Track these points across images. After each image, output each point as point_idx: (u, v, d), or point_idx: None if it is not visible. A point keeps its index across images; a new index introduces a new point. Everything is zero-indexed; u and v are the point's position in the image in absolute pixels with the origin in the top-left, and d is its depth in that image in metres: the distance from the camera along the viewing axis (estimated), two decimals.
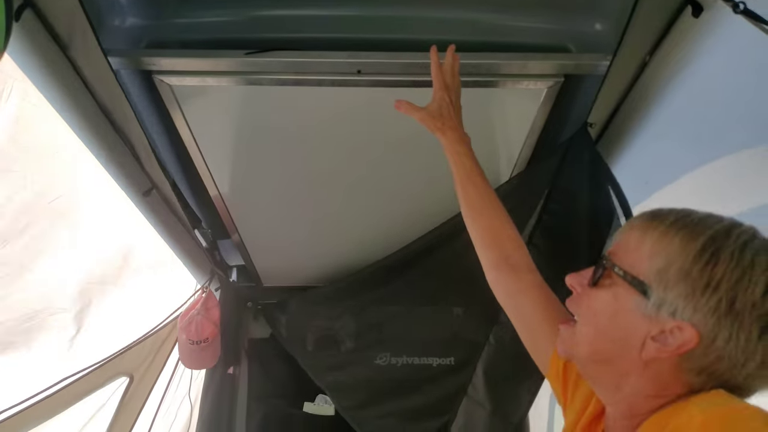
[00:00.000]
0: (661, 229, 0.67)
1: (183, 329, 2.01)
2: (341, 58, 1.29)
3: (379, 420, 2.16)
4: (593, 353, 0.74)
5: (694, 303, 0.62)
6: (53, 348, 1.60)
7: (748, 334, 0.59)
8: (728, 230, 0.63)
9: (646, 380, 0.68)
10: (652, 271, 0.66)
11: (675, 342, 0.63)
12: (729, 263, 0.60)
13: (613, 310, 0.70)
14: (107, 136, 1.36)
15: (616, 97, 1.37)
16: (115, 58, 1.24)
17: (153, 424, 2.05)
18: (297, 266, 2.25)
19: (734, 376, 0.62)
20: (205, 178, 1.71)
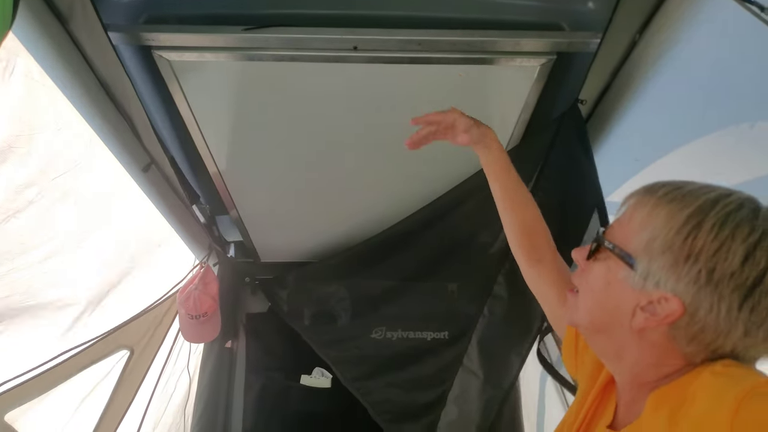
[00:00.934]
0: (651, 203, 0.69)
1: (182, 304, 2.05)
2: (337, 35, 1.31)
3: (384, 390, 2.23)
4: (591, 322, 0.78)
5: (677, 274, 0.64)
6: (56, 324, 1.63)
7: (728, 304, 0.61)
8: (715, 201, 0.64)
9: (643, 349, 0.71)
10: (640, 244, 0.68)
11: (662, 312, 0.66)
12: (709, 234, 0.62)
13: (605, 281, 0.74)
14: (107, 111, 1.39)
15: (607, 75, 1.39)
16: (114, 33, 1.26)
17: (153, 396, 2.09)
18: (295, 242, 2.28)
19: (722, 345, 0.64)
20: (203, 155, 1.73)
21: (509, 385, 1.98)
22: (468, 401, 2.10)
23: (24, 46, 1.14)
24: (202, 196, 2.00)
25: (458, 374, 2.15)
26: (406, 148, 1.27)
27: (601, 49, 1.28)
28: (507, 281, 1.99)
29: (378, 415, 2.21)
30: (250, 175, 1.87)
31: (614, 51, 1.32)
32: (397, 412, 2.21)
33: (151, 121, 1.52)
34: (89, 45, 1.24)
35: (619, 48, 1.31)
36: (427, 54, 1.36)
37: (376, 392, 2.22)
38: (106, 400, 1.95)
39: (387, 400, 2.22)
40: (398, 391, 2.21)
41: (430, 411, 2.20)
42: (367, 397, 2.22)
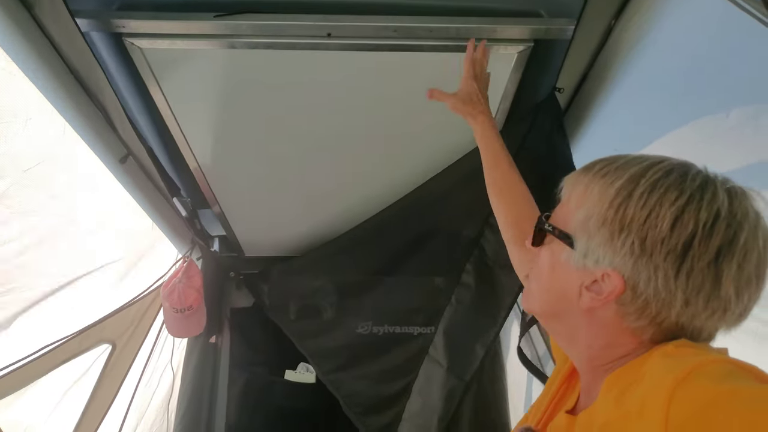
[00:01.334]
0: (585, 181, 0.69)
1: (166, 298, 2.03)
2: (311, 21, 1.29)
3: (353, 383, 2.21)
4: (542, 308, 0.78)
5: (613, 248, 0.64)
6: (33, 316, 1.62)
7: (665, 272, 0.60)
8: (645, 170, 0.63)
9: (595, 331, 0.71)
10: (578, 223, 0.68)
11: (606, 289, 0.65)
12: (638, 203, 0.62)
13: (550, 264, 0.74)
14: (79, 100, 1.36)
15: (585, 63, 1.38)
16: (83, 19, 1.24)
17: (136, 391, 2.07)
18: (279, 236, 2.27)
19: (667, 317, 0.63)
20: (182, 147, 1.71)
21: (472, 375, 1.97)
22: (431, 391, 2.08)
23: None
24: (183, 189, 1.98)
25: (423, 364, 2.13)
26: (386, 138, 1.28)
27: (577, 35, 1.27)
28: (475, 270, 1.97)
29: (349, 408, 2.20)
30: (230, 168, 1.85)
31: (590, 38, 1.30)
32: (366, 404, 2.20)
33: (127, 111, 1.50)
34: (56, 32, 1.22)
35: (595, 34, 1.29)
36: (403, 41, 1.34)
37: (347, 385, 2.21)
38: (88, 395, 1.93)
39: (357, 393, 2.21)
40: (367, 382, 2.21)
41: (396, 402, 2.18)
42: (339, 390, 2.20)
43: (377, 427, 2.18)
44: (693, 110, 1.19)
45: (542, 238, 0.77)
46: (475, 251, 1.88)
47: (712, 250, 0.59)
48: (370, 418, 2.21)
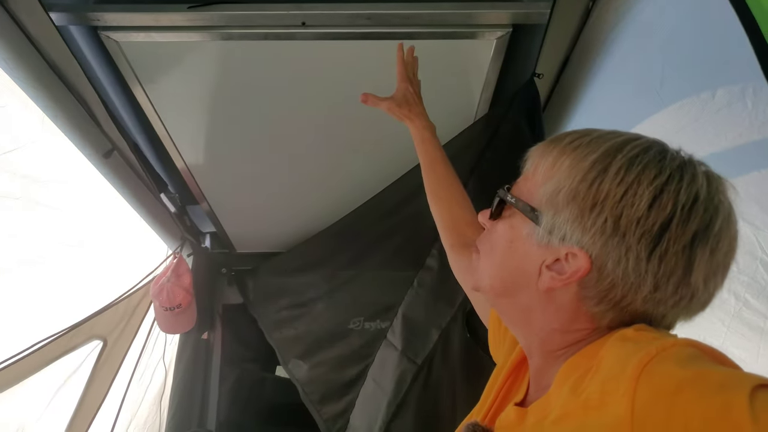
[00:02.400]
0: (555, 153, 0.64)
1: (155, 296, 2.04)
2: (284, 10, 1.29)
3: (311, 371, 2.20)
4: (493, 285, 0.73)
5: (583, 225, 0.59)
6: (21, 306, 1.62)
7: (636, 254, 0.57)
8: (622, 145, 0.60)
9: (551, 313, 0.66)
10: (544, 197, 0.64)
11: (569, 269, 0.61)
12: (614, 179, 0.58)
13: (508, 239, 0.69)
14: (58, 95, 1.36)
15: (564, 47, 1.36)
16: (56, 13, 1.25)
17: (128, 387, 2.07)
18: (269, 232, 2.27)
19: (632, 301, 0.60)
20: (165, 142, 1.72)
21: (424, 358, 1.95)
22: (384, 374, 2.05)
23: None
24: (170, 185, 1.98)
25: (380, 348, 2.11)
26: (368, 128, 1.28)
27: (553, 18, 1.25)
28: (439, 253, 1.96)
29: (305, 395, 2.19)
30: (215, 164, 1.85)
31: (568, 21, 1.29)
32: (323, 391, 2.18)
33: (111, 106, 1.50)
34: (31, 26, 1.22)
35: (573, 17, 1.28)
36: (378, 29, 1.34)
37: (306, 373, 2.20)
38: (80, 392, 1.94)
39: (313, 380, 2.19)
40: (325, 369, 2.18)
41: (352, 388, 2.16)
42: (299, 379, 2.19)
43: (332, 414, 2.15)
44: (677, 92, 1.17)
45: (501, 211, 0.72)
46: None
47: (688, 233, 0.56)
48: (326, 406, 2.19)
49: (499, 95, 1.57)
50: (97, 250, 1.84)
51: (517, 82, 1.52)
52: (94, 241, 1.81)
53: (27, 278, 1.56)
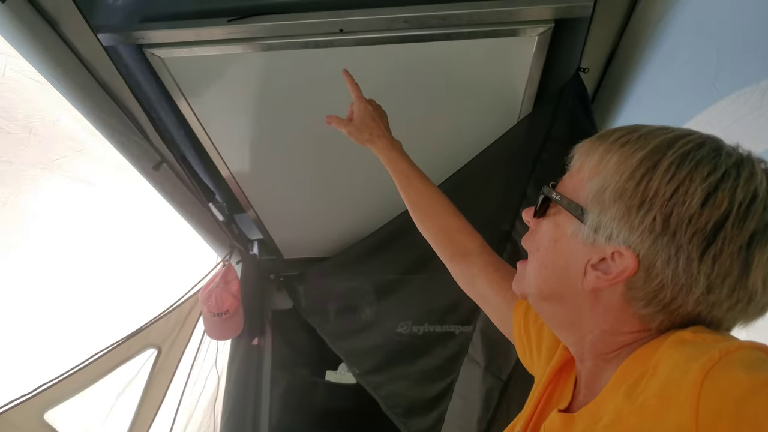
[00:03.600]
0: (602, 149, 0.63)
1: (204, 302, 2.08)
2: (322, 18, 1.29)
3: (391, 384, 2.19)
4: (540, 288, 0.71)
5: (630, 224, 0.57)
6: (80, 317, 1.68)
7: (687, 254, 0.54)
8: (672, 141, 0.57)
9: (598, 314, 0.64)
10: (590, 194, 0.62)
11: (615, 269, 0.59)
12: (664, 176, 0.56)
13: (553, 237, 0.68)
14: (108, 111, 1.41)
15: (611, 39, 1.31)
16: (104, 34, 1.28)
17: (183, 393, 2.13)
18: (315, 237, 2.28)
19: (682, 304, 0.57)
20: (211, 153, 1.75)
21: (509, 374, 1.90)
22: (471, 391, 2.02)
23: (15, 48, 1.17)
24: (218, 194, 2.02)
25: (464, 364, 2.08)
26: (411, 129, 1.27)
27: (597, 11, 1.21)
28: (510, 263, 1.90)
29: (389, 409, 2.17)
30: (260, 173, 1.88)
31: (613, 12, 1.24)
32: (407, 405, 2.16)
33: (156, 119, 1.54)
34: (81, 46, 1.27)
35: (618, 8, 1.23)
36: (415, 32, 1.32)
37: (386, 386, 2.19)
38: (138, 398, 2.00)
39: (396, 394, 2.17)
40: (407, 384, 2.16)
41: (439, 403, 2.13)
42: (378, 391, 2.18)
43: (420, 429, 2.14)
44: (734, 81, 1.11)
45: (546, 209, 0.70)
46: (508, 245, 1.83)
47: (745, 233, 0.53)
48: (412, 419, 2.18)
49: (543, 92, 1.53)
50: (149, 260, 1.90)
51: (562, 77, 1.48)
52: (146, 251, 1.87)
53: (82, 291, 1.62)
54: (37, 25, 1.18)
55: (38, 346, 1.56)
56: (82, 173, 1.45)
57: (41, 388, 1.58)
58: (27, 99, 1.23)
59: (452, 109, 1.57)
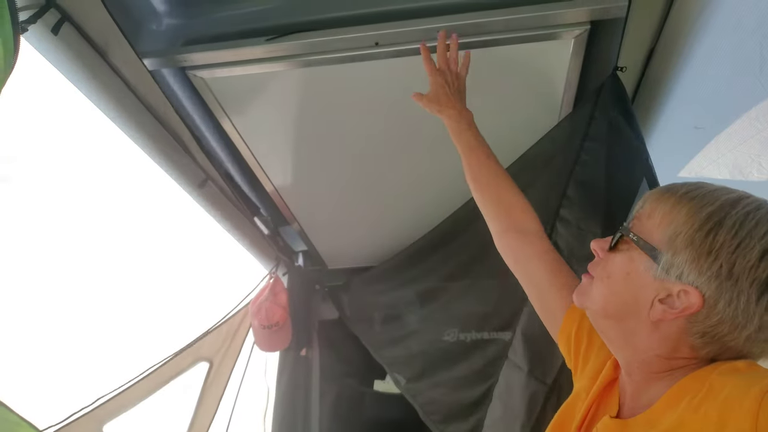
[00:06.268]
0: (672, 200, 0.73)
1: (254, 314, 2.12)
2: (357, 33, 1.31)
3: (430, 391, 2.18)
4: (605, 309, 0.80)
5: (698, 268, 0.67)
6: (134, 336, 1.74)
7: (747, 297, 0.65)
8: (735, 202, 0.68)
9: (655, 341, 0.74)
10: (663, 238, 0.72)
11: (681, 305, 0.69)
12: (729, 232, 0.66)
13: (626, 271, 0.77)
14: (154, 133, 1.46)
15: (648, 38, 1.29)
16: (149, 59, 1.34)
17: (235, 405, 2.17)
18: (359, 247, 2.30)
19: (735, 338, 0.68)
20: (254, 169, 1.79)
21: (553, 378, 1.86)
22: (512, 396, 1.98)
23: (68, 79, 1.23)
24: (262, 209, 2.06)
25: (503, 368, 2.04)
26: (450, 139, 1.28)
27: (633, 10, 1.19)
28: None
29: (426, 416, 2.16)
30: (303, 186, 1.91)
31: (650, 11, 1.22)
32: (445, 412, 2.14)
33: (200, 139, 1.59)
34: (128, 72, 1.32)
35: (655, 7, 1.21)
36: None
37: (424, 393, 2.17)
38: (192, 411, 2.05)
39: (434, 401, 2.16)
40: (445, 390, 2.14)
41: (478, 408, 2.10)
42: (417, 399, 2.17)
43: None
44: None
45: (618, 244, 0.80)
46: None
47: None
48: (451, 425, 2.16)
49: (582, 93, 1.51)
50: (198, 275, 1.95)
51: (600, 77, 1.45)
52: (195, 266, 1.92)
53: (136, 307, 1.68)
54: (87, 54, 1.23)
55: (98, 359, 1.62)
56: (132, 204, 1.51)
57: (100, 400, 1.64)
58: (80, 126, 1.29)
59: (491, 114, 1.56)
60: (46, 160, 1.20)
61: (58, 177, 1.25)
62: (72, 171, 1.29)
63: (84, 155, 1.31)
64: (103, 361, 1.68)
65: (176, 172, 1.58)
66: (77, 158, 1.29)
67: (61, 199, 1.28)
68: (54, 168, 1.22)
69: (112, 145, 1.40)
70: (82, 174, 1.32)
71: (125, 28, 1.22)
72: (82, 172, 1.32)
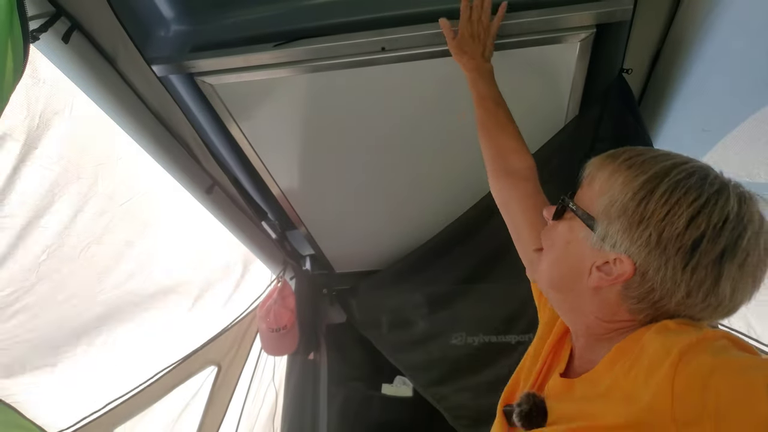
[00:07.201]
0: (610, 168, 0.76)
1: (262, 318, 2.13)
2: (363, 38, 1.31)
3: (454, 395, 2.17)
4: (551, 279, 0.85)
5: (630, 237, 0.70)
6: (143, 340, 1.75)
7: (674, 265, 0.68)
8: (669, 169, 0.70)
9: (596, 305, 0.78)
10: (600, 208, 0.74)
11: (615, 272, 0.72)
12: (659, 200, 0.68)
13: (566, 240, 0.81)
14: (162, 139, 1.47)
15: (655, 40, 1.30)
16: (157, 66, 1.35)
17: (243, 409, 2.18)
18: (366, 251, 2.30)
19: (666, 304, 0.71)
20: (262, 174, 1.80)
21: None
22: None
23: (77, 86, 1.24)
24: (270, 213, 2.07)
25: None
26: (459, 142, 1.30)
27: (638, 13, 1.19)
28: None
29: (455, 420, 2.15)
30: (310, 191, 1.92)
31: (656, 13, 1.22)
32: (473, 417, 2.14)
33: (208, 144, 1.60)
34: (137, 79, 1.33)
35: (661, 9, 1.21)
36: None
37: (450, 397, 2.17)
38: (200, 415, 2.06)
39: (461, 405, 2.15)
40: (471, 394, 2.14)
41: None
42: (443, 403, 2.17)
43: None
44: None
45: (562, 213, 0.82)
46: None
47: (717, 249, 0.66)
48: (480, 430, 2.17)
49: (588, 96, 1.51)
50: (204, 280, 1.95)
51: (606, 80, 1.46)
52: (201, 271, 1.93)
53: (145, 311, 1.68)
54: (96, 61, 1.25)
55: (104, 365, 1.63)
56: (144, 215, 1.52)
57: (109, 405, 1.65)
58: (92, 137, 1.31)
59: None
60: (53, 164, 1.21)
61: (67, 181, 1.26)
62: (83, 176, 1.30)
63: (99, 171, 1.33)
64: (112, 366, 1.68)
65: (184, 177, 1.59)
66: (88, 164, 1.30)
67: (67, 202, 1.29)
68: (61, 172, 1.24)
69: (124, 157, 1.42)
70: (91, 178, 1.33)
71: (134, 35, 1.24)
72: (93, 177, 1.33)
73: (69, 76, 1.22)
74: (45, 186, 1.21)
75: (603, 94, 1.45)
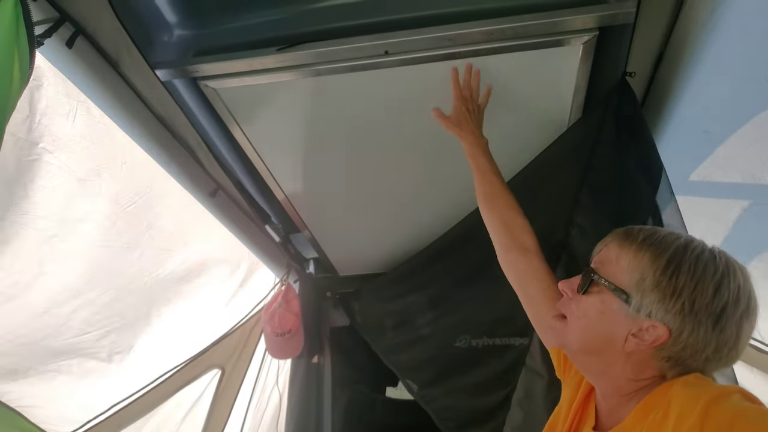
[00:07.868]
0: (633, 247, 0.86)
1: (267, 322, 2.13)
2: (367, 42, 1.31)
3: (446, 397, 2.18)
4: (582, 346, 0.93)
5: (665, 306, 0.81)
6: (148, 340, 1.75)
7: (705, 327, 0.79)
8: (685, 247, 0.83)
9: (629, 367, 0.87)
10: (632, 283, 0.84)
11: (650, 337, 0.82)
12: (687, 274, 0.80)
13: (600, 311, 0.88)
14: (166, 143, 1.48)
15: (657, 42, 1.29)
16: (161, 70, 1.35)
17: (247, 412, 2.18)
18: (369, 254, 2.31)
19: (695, 360, 0.82)
20: (266, 177, 1.80)
21: None
22: (533, 403, 1.97)
23: (81, 91, 1.25)
24: (273, 217, 2.07)
25: (522, 375, 2.03)
26: (461, 144, 1.38)
27: (641, 16, 1.19)
28: (566, 274, 1.87)
29: (442, 422, 2.16)
30: (313, 194, 1.92)
31: (658, 15, 1.22)
32: (462, 418, 2.14)
33: (212, 148, 1.60)
34: (140, 83, 1.33)
35: (663, 12, 1.21)
36: (461, 48, 1.33)
37: (440, 399, 2.18)
38: (204, 418, 2.06)
39: (449, 407, 2.16)
40: (461, 396, 2.14)
41: (495, 415, 2.10)
42: (432, 405, 2.17)
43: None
44: None
45: (588, 286, 0.90)
46: (563, 255, 1.79)
47: (738, 312, 0.80)
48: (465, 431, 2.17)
49: (591, 99, 1.51)
50: (208, 283, 1.96)
51: (609, 83, 1.46)
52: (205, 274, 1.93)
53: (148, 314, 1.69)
54: (100, 66, 1.25)
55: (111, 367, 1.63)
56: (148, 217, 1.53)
57: (114, 408, 1.65)
58: (97, 142, 1.31)
59: (501, 121, 1.57)
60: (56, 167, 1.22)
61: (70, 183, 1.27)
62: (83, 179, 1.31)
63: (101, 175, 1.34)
64: (116, 369, 1.68)
65: (188, 181, 1.59)
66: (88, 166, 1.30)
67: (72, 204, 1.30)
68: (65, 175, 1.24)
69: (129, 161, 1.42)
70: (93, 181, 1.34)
71: (137, 39, 1.24)
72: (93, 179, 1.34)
73: (73, 81, 1.22)
74: None
75: (606, 97, 1.45)
